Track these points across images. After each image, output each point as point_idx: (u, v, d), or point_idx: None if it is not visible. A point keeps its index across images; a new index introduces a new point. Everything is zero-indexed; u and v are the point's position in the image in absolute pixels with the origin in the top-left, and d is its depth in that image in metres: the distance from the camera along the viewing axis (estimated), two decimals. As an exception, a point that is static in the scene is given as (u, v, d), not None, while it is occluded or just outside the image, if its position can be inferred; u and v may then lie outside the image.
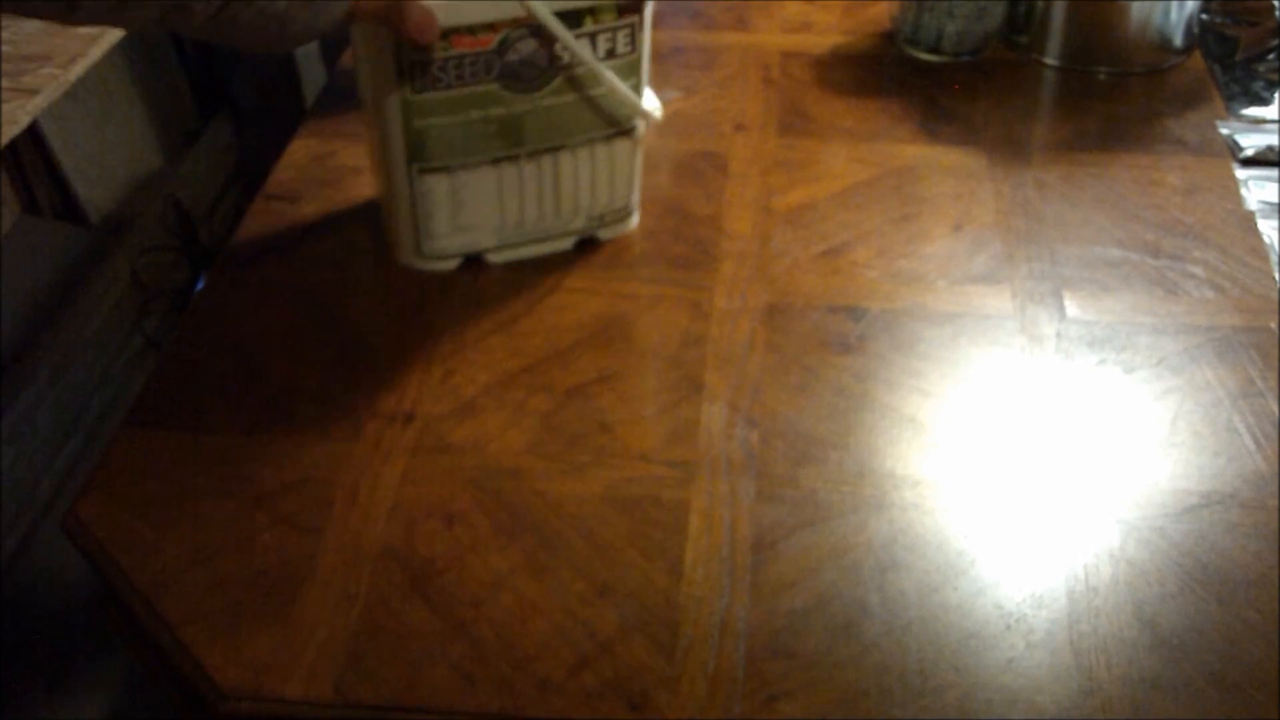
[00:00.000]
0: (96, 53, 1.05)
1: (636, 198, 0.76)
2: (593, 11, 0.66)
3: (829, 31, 0.99)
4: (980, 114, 0.88)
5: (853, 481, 0.60)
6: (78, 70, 1.02)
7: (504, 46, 0.65)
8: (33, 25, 1.07)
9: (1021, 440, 0.62)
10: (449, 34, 0.64)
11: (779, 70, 0.94)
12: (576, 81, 0.68)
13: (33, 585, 1.19)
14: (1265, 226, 0.77)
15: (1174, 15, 0.90)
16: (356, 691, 0.51)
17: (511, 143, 0.69)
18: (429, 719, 0.51)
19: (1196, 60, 0.94)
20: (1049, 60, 0.93)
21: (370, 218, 0.79)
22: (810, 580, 0.55)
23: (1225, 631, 0.53)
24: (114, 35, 1.08)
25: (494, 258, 0.74)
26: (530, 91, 0.67)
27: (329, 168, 0.84)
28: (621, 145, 0.72)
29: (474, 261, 0.75)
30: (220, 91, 1.65)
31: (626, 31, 0.67)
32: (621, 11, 0.66)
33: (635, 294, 0.72)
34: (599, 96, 0.69)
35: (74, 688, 1.15)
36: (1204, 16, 0.97)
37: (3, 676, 1.12)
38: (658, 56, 0.97)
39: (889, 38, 0.97)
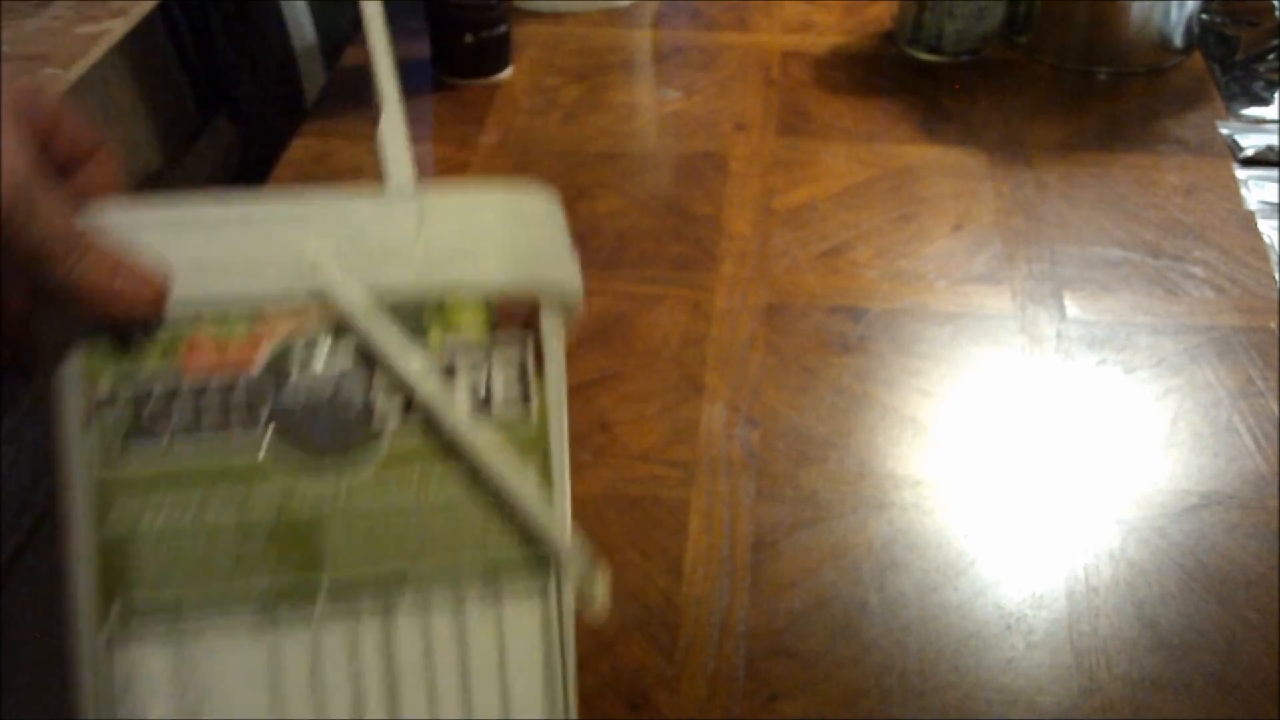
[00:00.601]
0: (96, 53, 1.05)
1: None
2: (440, 310, 0.36)
3: (829, 31, 0.99)
4: (980, 114, 0.88)
5: (853, 481, 0.60)
6: (78, 70, 1.02)
7: (282, 369, 0.35)
8: (33, 25, 1.07)
9: (1022, 440, 0.62)
10: (172, 338, 0.35)
11: (779, 70, 0.94)
12: (423, 447, 0.36)
13: (33, 585, 1.19)
14: (1265, 226, 0.77)
15: (1174, 15, 0.90)
16: (356, 691, 0.51)
17: (294, 576, 0.36)
18: (429, 719, 0.51)
19: (1196, 60, 0.94)
20: (1049, 60, 0.93)
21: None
22: (810, 580, 0.55)
23: (1225, 632, 0.53)
24: (114, 35, 1.08)
25: None
26: (335, 469, 0.36)
27: (329, 168, 0.84)
28: (523, 593, 0.37)
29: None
30: (220, 91, 1.65)
31: (515, 363, 0.37)
32: (498, 320, 0.36)
33: (635, 294, 0.72)
34: (474, 481, 0.36)
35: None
36: (1204, 16, 0.97)
37: (3, 676, 1.12)
38: (658, 56, 0.98)
39: (889, 38, 0.97)
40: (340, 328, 0.36)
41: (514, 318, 0.37)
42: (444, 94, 0.91)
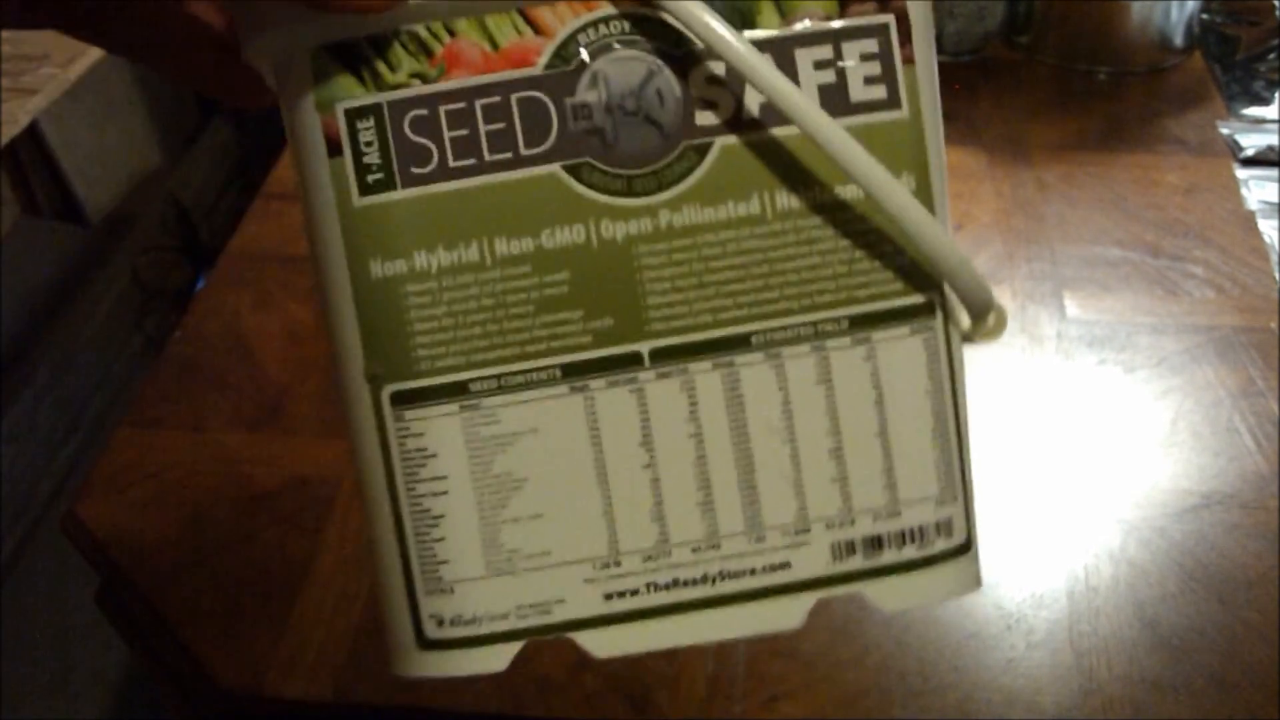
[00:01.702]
0: (96, 52, 1.05)
1: (959, 498, 0.32)
2: None
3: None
4: (980, 114, 0.88)
5: (853, 481, 0.60)
6: (78, 70, 1.02)
7: (568, 69, 0.29)
8: (33, 25, 1.07)
9: (1021, 440, 0.62)
10: (432, 33, 0.29)
11: (779, 70, 0.94)
12: (764, 167, 0.30)
13: (33, 585, 1.19)
14: (1265, 226, 0.77)
15: (1174, 15, 0.90)
16: (356, 691, 0.51)
17: (613, 325, 0.30)
18: (429, 719, 0.51)
19: (1196, 60, 0.94)
20: (1049, 60, 0.93)
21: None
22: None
23: (1226, 631, 0.53)
24: (114, 35, 1.08)
25: (594, 645, 0.31)
26: (648, 188, 0.29)
27: (329, 167, 0.84)
28: (903, 346, 0.30)
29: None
30: (220, 91, 1.65)
31: (869, 46, 0.30)
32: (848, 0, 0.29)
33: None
34: (833, 208, 0.30)
35: (74, 688, 1.15)
36: (1204, 16, 0.97)
37: (3, 676, 1.12)
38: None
39: (889, 37, 0.97)
40: (640, 14, 0.29)
41: None
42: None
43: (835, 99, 0.29)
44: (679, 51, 0.29)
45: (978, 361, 0.67)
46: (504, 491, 0.30)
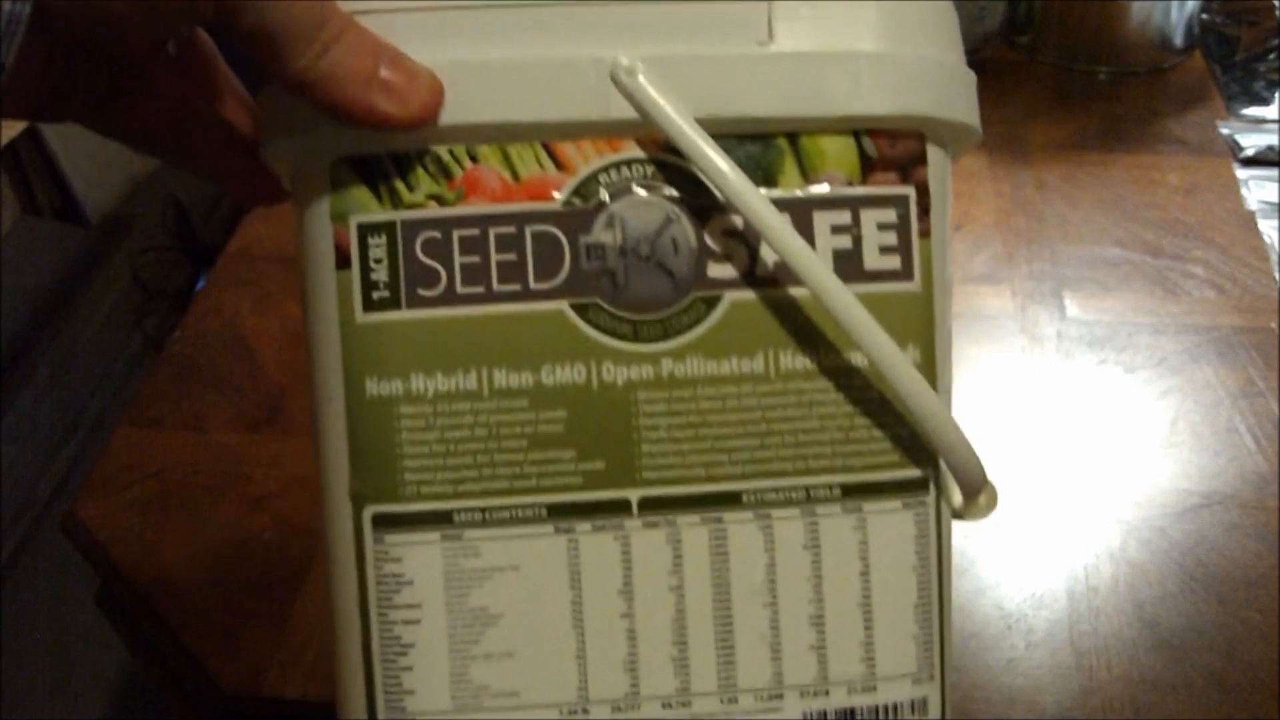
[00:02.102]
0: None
1: (937, 676, 0.31)
2: (794, 143, 0.29)
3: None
4: (981, 114, 0.88)
5: (853, 481, 0.60)
6: (78, 70, 1.02)
7: (587, 207, 0.29)
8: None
9: (1021, 440, 0.62)
10: (453, 158, 0.29)
11: (779, 70, 0.94)
12: (772, 325, 0.29)
13: (33, 585, 1.19)
14: (1265, 226, 0.77)
15: (1174, 15, 0.90)
16: (356, 691, 0.51)
17: (604, 469, 0.30)
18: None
19: (1196, 60, 0.94)
20: (1049, 60, 0.93)
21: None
22: None
23: (1225, 631, 0.53)
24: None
25: None
26: (653, 335, 0.29)
27: (329, 168, 0.84)
28: (894, 519, 0.30)
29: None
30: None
31: (887, 216, 0.29)
32: (871, 164, 0.29)
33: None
34: (837, 373, 0.30)
35: (74, 688, 1.15)
36: (1204, 16, 0.97)
37: (3, 676, 1.12)
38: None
39: (889, 38, 0.97)
40: (665, 161, 0.28)
41: (892, 159, 0.29)
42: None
43: (849, 265, 0.29)
44: (698, 201, 0.29)
45: (978, 362, 0.67)
46: (477, 626, 0.29)
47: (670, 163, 0.28)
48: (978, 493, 0.30)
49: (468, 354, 0.28)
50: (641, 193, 0.29)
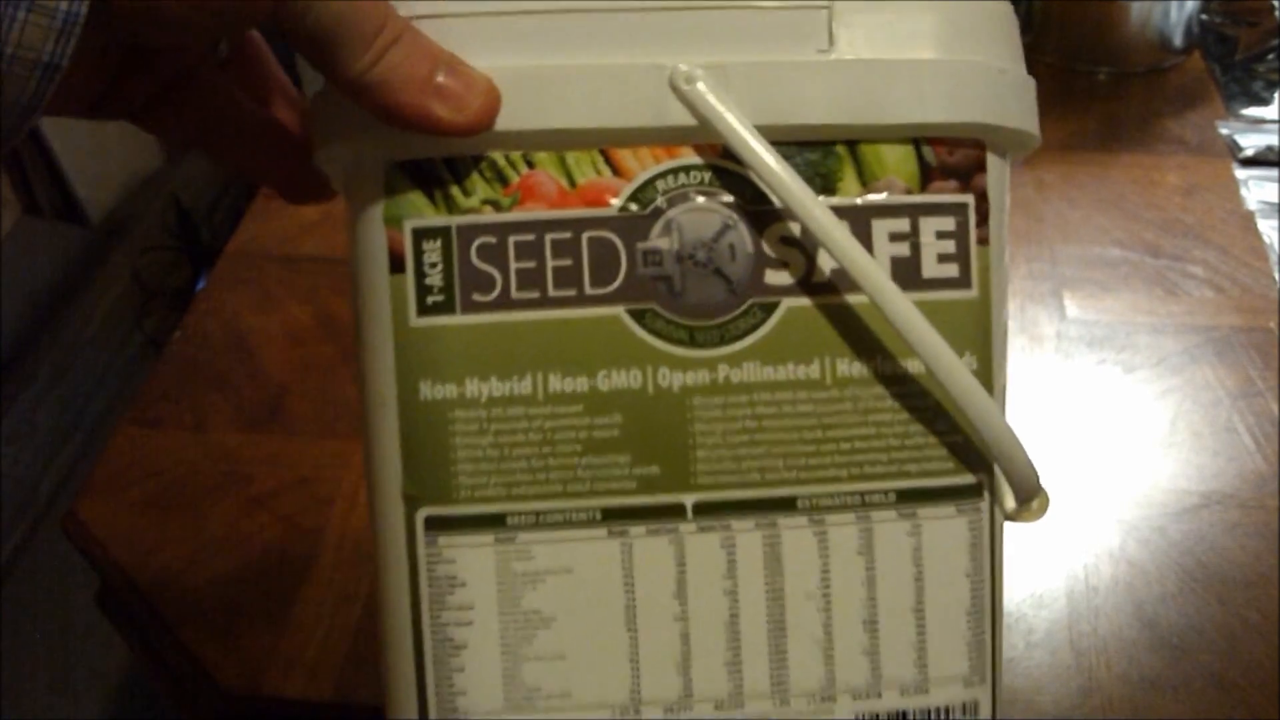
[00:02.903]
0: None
1: (988, 679, 0.34)
2: (854, 151, 0.29)
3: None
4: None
5: (853, 481, 0.60)
6: (78, 70, 1.02)
7: (644, 213, 0.29)
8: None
9: (1021, 440, 0.62)
10: (509, 163, 0.29)
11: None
12: (829, 331, 0.29)
13: (33, 585, 1.19)
14: (1265, 226, 0.77)
15: (1174, 15, 0.90)
16: (356, 691, 0.51)
17: (659, 474, 0.30)
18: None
19: (1196, 60, 0.94)
20: (1049, 60, 0.93)
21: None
22: None
23: (1225, 631, 0.53)
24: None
25: None
26: (710, 341, 0.29)
27: (329, 168, 0.84)
28: (948, 524, 0.31)
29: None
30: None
31: (946, 224, 0.29)
32: (932, 172, 0.29)
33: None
34: (893, 380, 0.30)
35: (74, 687, 1.16)
36: (1204, 17, 0.97)
37: (3, 676, 1.12)
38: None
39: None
40: (723, 168, 0.28)
41: (951, 166, 0.29)
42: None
43: (907, 273, 0.29)
44: (756, 208, 0.28)
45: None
46: (530, 628, 0.29)
47: (728, 169, 0.28)
48: (1032, 498, 0.31)
49: (523, 359, 0.29)
50: (699, 199, 0.28)
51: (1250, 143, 0.84)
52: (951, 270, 0.29)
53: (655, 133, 0.28)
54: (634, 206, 0.29)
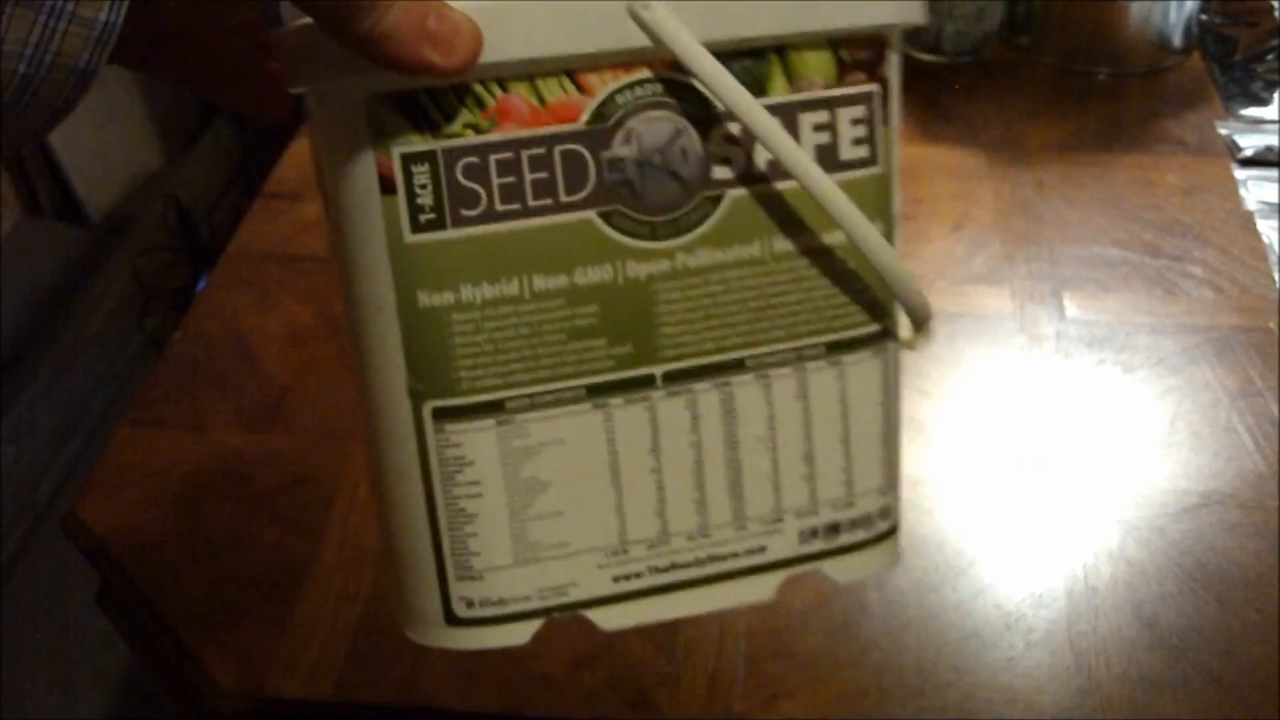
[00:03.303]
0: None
1: (895, 488, 0.38)
2: (782, 56, 0.33)
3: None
4: (980, 114, 0.88)
5: (852, 481, 0.60)
6: (78, 70, 1.02)
7: (606, 126, 0.32)
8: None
9: (1021, 440, 0.62)
10: (485, 88, 0.31)
11: (779, 70, 0.94)
12: (765, 216, 0.34)
13: (33, 585, 1.19)
14: (1264, 226, 0.77)
15: (1173, 15, 0.90)
16: (356, 691, 0.51)
17: (632, 352, 0.34)
18: (429, 718, 0.51)
19: (1196, 61, 0.94)
20: (1048, 61, 0.93)
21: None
22: (809, 579, 0.56)
23: (1224, 631, 0.53)
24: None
25: (603, 619, 0.36)
26: (669, 233, 0.33)
27: (329, 168, 0.84)
28: (866, 365, 0.36)
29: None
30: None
31: (858, 111, 0.34)
32: (846, 68, 0.33)
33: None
34: (819, 252, 0.34)
35: (74, 687, 1.16)
36: (1203, 17, 0.97)
37: (3, 676, 1.12)
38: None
39: (889, 38, 0.97)
40: (673, 79, 0.32)
41: (861, 61, 0.33)
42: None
43: (828, 157, 0.34)
44: (702, 112, 0.32)
45: (977, 362, 0.67)
46: (531, 494, 0.34)
47: (677, 80, 0.32)
48: (926, 322, 0.36)
49: (509, 264, 0.32)
50: (652, 110, 0.32)
51: (1250, 143, 0.84)
52: (864, 151, 0.34)
53: (616, 55, 0.32)
54: (598, 119, 0.32)
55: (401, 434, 0.33)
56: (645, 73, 0.32)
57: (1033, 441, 0.62)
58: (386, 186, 0.31)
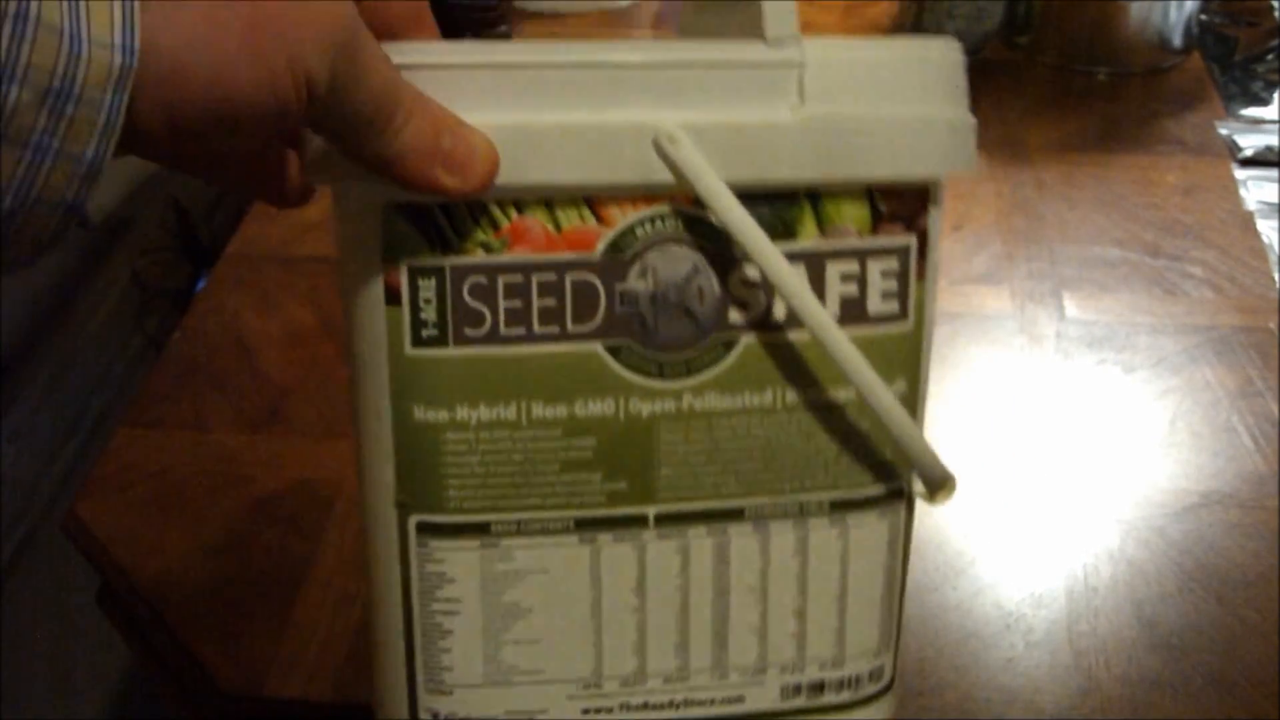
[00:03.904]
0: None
1: (891, 647, 0.37)
2: (814, 201, 0.31)
3: (829, 32, 0.99)
4: (980, 114, 0.88)
5: (852, 481, 0.60)
6: (78, 70, 1.02)
7: (622, 257, 0.31)
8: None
9: (1021, 440, 0.62)
10: (500, 209, 0.31)
11: (778, 70, 0.94)
12: (779, 365, 0.33)
13: (33, 585, 1.19)
14: (1264, 226, 0.77)
15: (1173, 15, 0.90)
16: (356, 691, 0.51)
17: (626, 489, 0.33)
18: (429, 719, 0.51)
19: (1195, 60, 0.94)
20: (1048, 60, 0.93)
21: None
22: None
23: (1224, 631, 0.53)
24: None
25: None
26: (677, 373, 0.32)
27: (329, 168, 0.84)
28: (871, 527, 0.35)
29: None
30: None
31: (891, 264, 0.33)
32: (882, 218, 0.32)
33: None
34: (832, 407, 0.33)
35: (74, 687, 1.15)
36: (1203, 17, 0.97)
37: (3, 676, 1.12)
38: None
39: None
40: (695, 216, 0.31)
41: (899, 212, 0.32)
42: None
43: (854, 310, 0.32)
44: (723, 252, 0.31)
45: (977, 362, 0.67)
46: (509, 618, 0.33)
47: (699, 217, 0.31)
48: (944, 486, 0.34)
49: (508, 388, 0.31)
50: (673, 245, 0.31)
51: (1249, 143, 0.84)
52: (893, 306, 0.33)
53: (637, 188, 0.31)
54: (614, 251, 0.31)
55: (387, 540, 0.33)
56: (667, 207, 0.31)
57: (1032, 441, 0.62)
58: (392, 297, 0.31)
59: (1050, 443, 0.62)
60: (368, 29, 0.27)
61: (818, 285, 0.32)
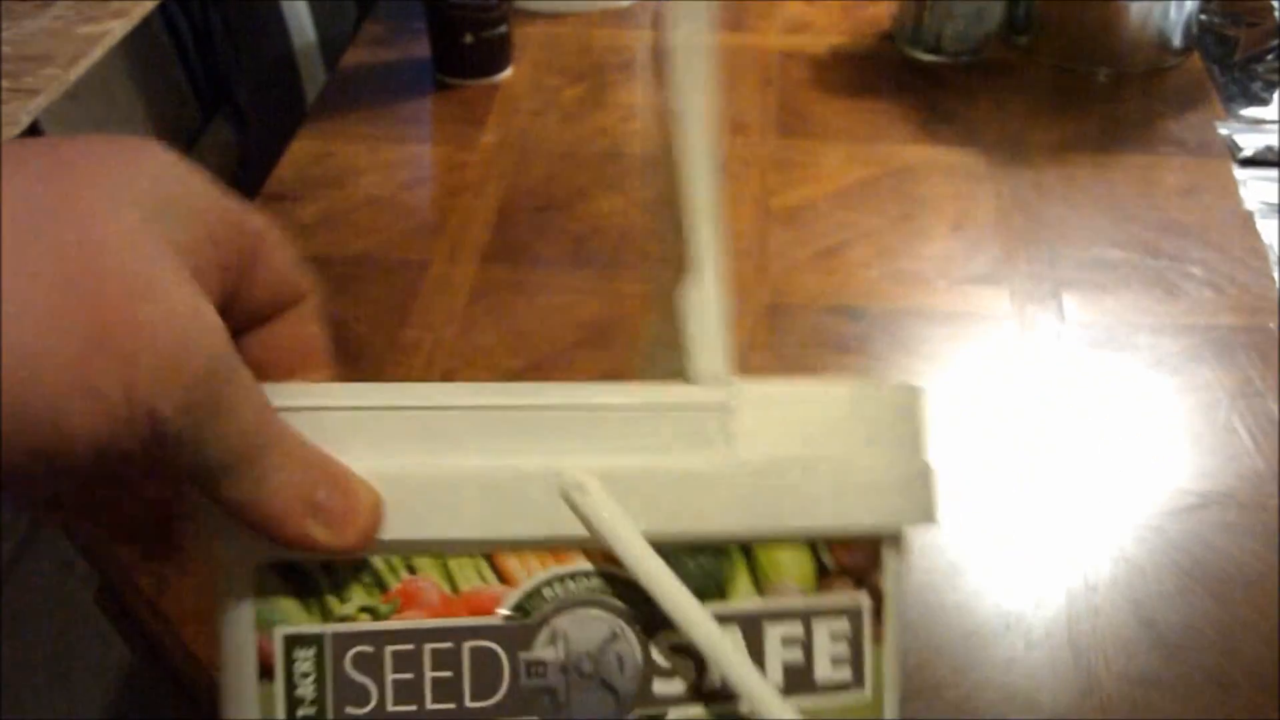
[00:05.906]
0: (97, 53, 1.05)
1: None
2: (748, 555, 0.28)
3: (828, 32, 0.99)
4: (980, 114, 0.88)
5: (852, 481, 0.60)
6: (78, 70, 1.02)
7: (528, 622, 0.28)
8: (34, 25, 1.07)
9: (1020, 440, 0.62)
10: (389, 568, 0.27)
11: (777, 71, 0.94)
12: None
13: (33, 585, 1.19)
14: (1264, 226, 0.77)
15: (1173, 15, 0.90)
16: (356, 690, 0.51)
17: None
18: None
19: (1195, 61, 0.94)
20: (1048, 61, 0.93)
21: (368, 218, 0.79)
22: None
23: (1223, 630, 0.53)
24: (115, 35, 1.08)
25: None
26: None
27: (329, 168, 0.84)
28: None
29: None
30: (220, 91, 1.65)
31: (840, 626, 0.29)
32: (828, 574, 0.29)
33: (635, 294, 0.72)
34: None
35: (74, 686, 1.16)
36: (1203, 17, 0.97)
37: (3, 676, 1.12)
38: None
39: (888, 38, 0.97)
40: (612, 574, 0.27)
41: (848, 567, 0.28)
42: (444, 94, 0.91)
43: (799, 678, 0.28)
44: (645, 614, 0.27)
45: (977, 361, 0.67)
46: None
47: (617, 575, 0.27)
48: None
49: None
50: (586, 607, 0.27)
51: (1249, 143, 0.84)
52: (845, 673, 0.28)
53: (544, 542, 0.27)
54: (519, 615, 0.27)
55: None
56: (580, 564, 0.27)
57: (1032, 441, 0.62)
58: (265, 671, 0.27)
59: (1050, 443, 0.62)
60: (242, 362, 0.24)
61: (756, 651, 0.27)
